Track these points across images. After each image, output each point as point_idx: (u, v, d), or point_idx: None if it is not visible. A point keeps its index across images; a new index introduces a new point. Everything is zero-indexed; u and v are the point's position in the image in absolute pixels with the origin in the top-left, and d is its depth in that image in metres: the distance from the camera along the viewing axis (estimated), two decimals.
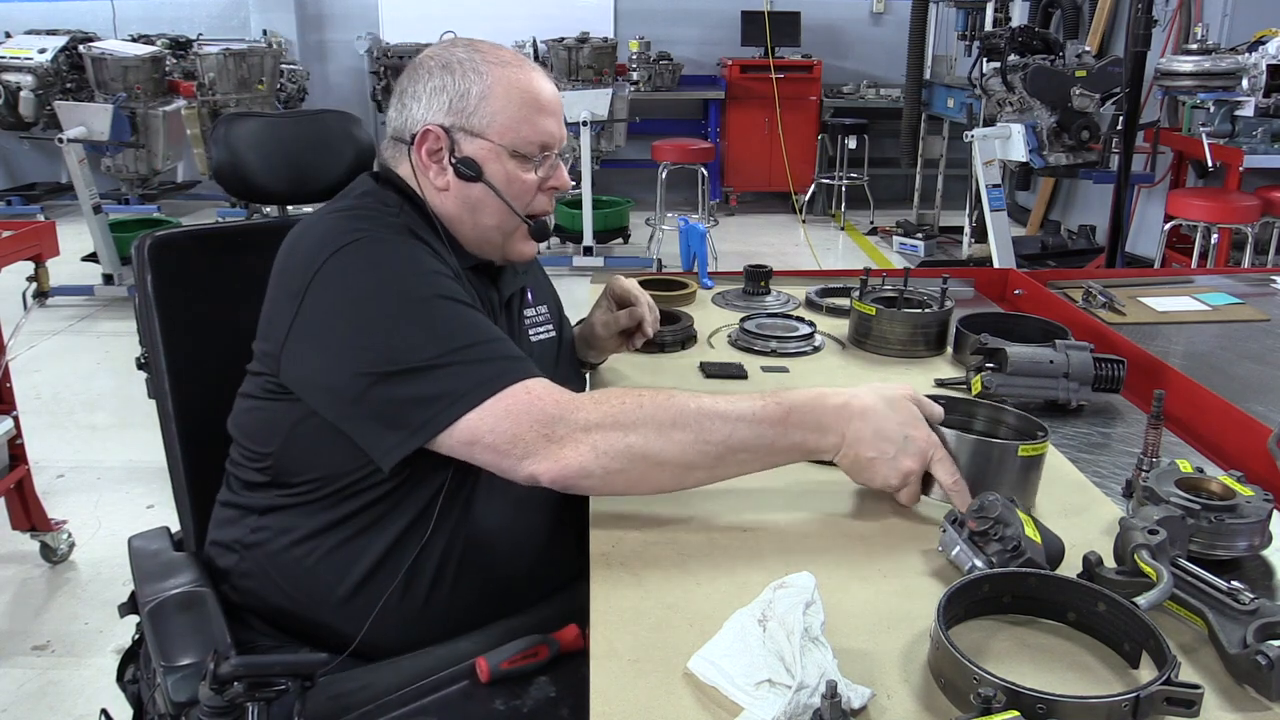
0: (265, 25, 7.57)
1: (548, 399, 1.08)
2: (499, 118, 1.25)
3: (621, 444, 1.06)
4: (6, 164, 7.90)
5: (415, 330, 1.11)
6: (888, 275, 1.90)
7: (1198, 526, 1.04)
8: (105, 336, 4.80)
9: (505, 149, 1.26)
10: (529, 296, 1.44)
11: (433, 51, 1.30)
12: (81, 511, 3.02)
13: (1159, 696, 0.80)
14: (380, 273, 1.15)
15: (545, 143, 1.28)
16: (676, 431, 1.08)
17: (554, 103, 1.30)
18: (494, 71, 1.26)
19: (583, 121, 5.80)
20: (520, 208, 1.29)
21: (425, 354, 1.09)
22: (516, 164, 1.27)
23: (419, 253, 1.19)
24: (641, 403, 1.08)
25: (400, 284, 1.14)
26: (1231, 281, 2.28)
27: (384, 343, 1.10)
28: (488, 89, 1.25)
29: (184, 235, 1.51)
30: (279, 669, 0.99)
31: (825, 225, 7.26)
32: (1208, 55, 4.69)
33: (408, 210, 1.26)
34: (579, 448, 1.06)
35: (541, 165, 1.29)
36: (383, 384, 1.09)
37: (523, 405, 1.07)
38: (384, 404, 1.10)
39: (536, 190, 1.30)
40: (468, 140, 1.26)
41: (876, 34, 7.90)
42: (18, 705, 2.23)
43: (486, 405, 1.07)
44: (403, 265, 1.16)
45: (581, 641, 1.20)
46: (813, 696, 0.80)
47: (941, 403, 1.29)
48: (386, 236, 1.19)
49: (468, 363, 1.09)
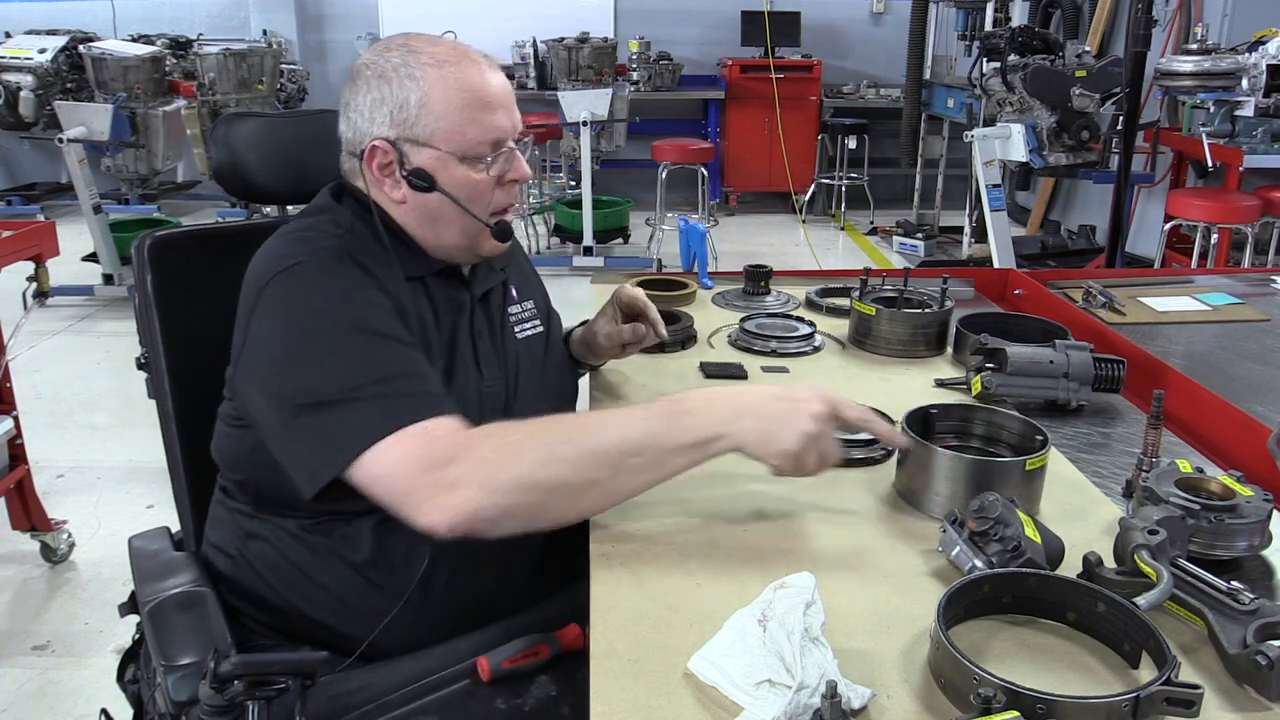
0: (265, 25, 7.56)
1: (444, 440, 1.05)
2: (443, 124, 1.20)
3: (510, 477, 1.03)
4: (6, 164, 7.89)
5: (331, 362, 1.10)
6: (888, 275, 1.90)
7: (1198, 526, 1.04)
8: (105, 336, 4.80)
9: (454, 155, 1.21)
10: (513, 292, 1.41)
11: (369, 59, 1.24)
12: (81, 511, 3.02)
13: (1159, 696, 0.80)
14: (307, 302, 1.14)
15: (496, 139, 1.23)
16: (564, 448, 1.05)
17: (499, 95, 1.24)
18: (430, 75, 1.20)
19: (583, 121, 5.80)
20: (481, 209, 1.25)
21: (337, 387, 1.08)
22: (469, 167, 1.22)
23: (351, 281, 1.16)
24: (528, 430, 1.06)
25: (323, 315, 1.13)
26: (1231, 281, 2.28)
27: (304, 373, 1.11)
28: (426, 95, 1.20)
29: (184, 235, 1.51)
30: (279, 668, 0.99)
31: (825, 225, 7.26)
32: (1208, 55, 4.69)
33: (358, 228, 1.23)
34: (468, 490, 1.02)
35: (496, 162, 1.25)
36: (301, 414, 1.09)
37: (417, 450, 1.04)
38: (302, 434, 1.10)
39: (495, 187, 1.26)
40: (415, 150, 1.21)
41: (876, 34, 7.90)
42: (18, 705, 2.23)
43: (384, 444, 1.04)
44: (328, 296, 1.14)
45: (582, 640, 1.20)
46: (813, 696, 0.81)
47: (935, 410, 1.29)
48: (320, 263, 1.16)
49: (372, 399, 1.07)
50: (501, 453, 1.04)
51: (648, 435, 1.06)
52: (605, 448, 1.05)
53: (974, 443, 1.31)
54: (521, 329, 1.39)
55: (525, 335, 1.39)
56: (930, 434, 1.28)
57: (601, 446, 1.05)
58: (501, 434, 1.07)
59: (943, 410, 1.31)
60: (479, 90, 1.22)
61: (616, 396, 1.54)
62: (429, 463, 1.03)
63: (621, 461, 1.05)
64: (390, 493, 1.05)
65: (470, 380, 1.27)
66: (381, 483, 1.05)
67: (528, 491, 1.04)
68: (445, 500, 1.02)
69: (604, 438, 1.06)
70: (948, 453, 1.17)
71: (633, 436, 1.06)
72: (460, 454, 1.04)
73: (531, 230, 6.35)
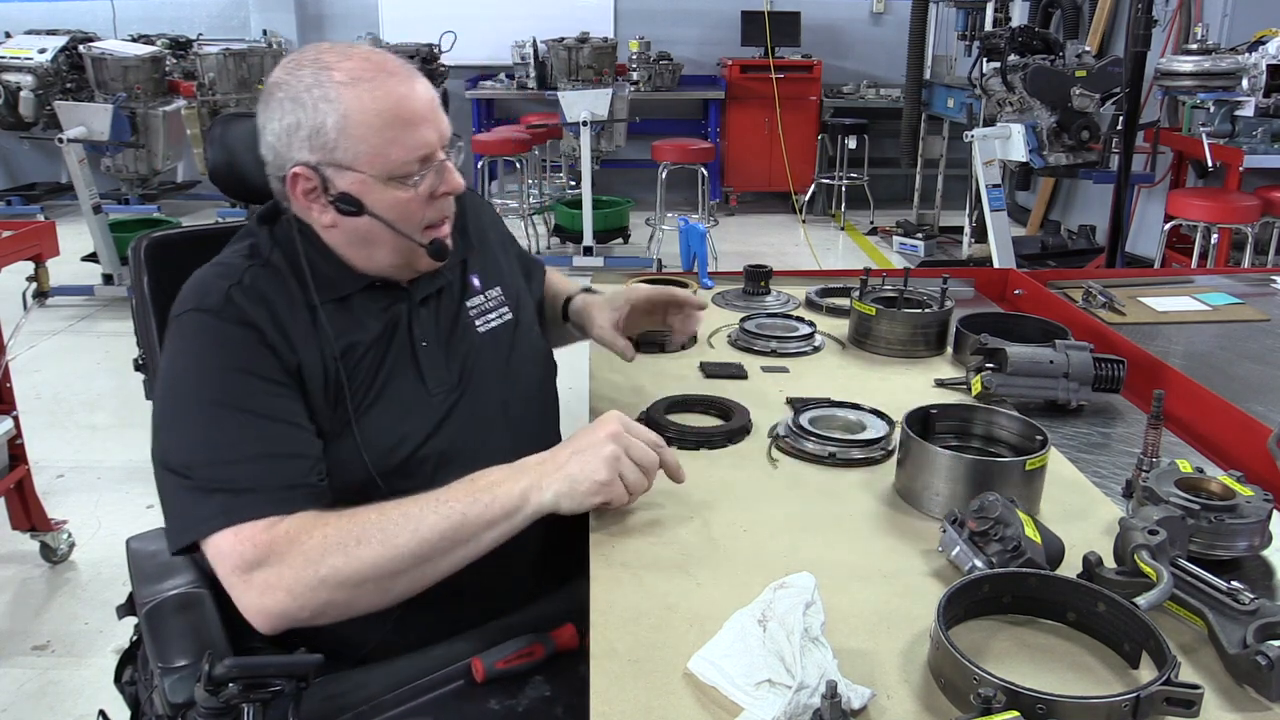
0: (265, 25, 7.57)
1: (247, 544, 1.05)
2: (363, 147, 1.15)
3: (314, 579, 1.04)
4: (6, 164, 7.90)
5: (185, 432, 1.12)
6: (888, 275, 1.90)
7: (1198, 526, 1.03)
8: (105, 336, 4.80)
9: (380, 177, 1.17)
10: (474, 281, 1.36)
11: (279, 77, 1.18)
12: (81, 511, 3.02)
13: (1159, 696, 0.80)
14: (183, 362, 1.16)
15: (422, 155, 1.18)
16: (362, 548, 1.05)
17: (421, 109, 1.18)
18: (346, 95, 1.14)
19: (583, 121, 5.80)
20: (413, 229, 1.21)
21: (182, 460, 1.10)
22: (397, 187, 1.18)
23: (229, 343, 1.15)
24: (327, 532, 1.06)
25: (188, 381, 1.14)
26: (1231, 281, 2.27)
27: (165, 433, 1.13)
28: (344, 117, 1.14)
29: (181, 236, 1.50)
30: (273, 670, 0.99)
31: (825, 225, 7.26)
32: (1208, 55, 4.69)
33: (275, 257, 1.21)
34: (276, 594, 1.04)
35: (425, 178, 1.20)
36: (160, 470, 1.12)
37: (232, 550, 1.06)
38: (162, 492, 1.13)
39: (426, 203, 1.21)
40: (339, 175, 1.16)
41: (876, 34, 7.90)
42: (18, 705, 2.23)
43: (210, 539, 1.07)
44: (199, 361, 1.15)
45: (577, 641, 1.20)
46: (813, 696, 0.80)
47: (935, 410, 1.29)
48: (202, 320, 1.16)
49: (205, 489, 1.08)
50: (304, 555, 1.05)
51: (447, 518, 1.07)
52: (402, 540, 1.06)
53: (974, 443, 1.31)
54: (485, 321, 1.35)
55: (489, 328, 1.35)
56: (930, 434, 1.28)
57: (398, 539, 1.06)
58: (302, 536, 1.06)
59: (943, 410, 1.31)
60: (399, 107, 1.16)
61: (613, 400, 1.54)
62: (242, 564, 1.05)
63: (423, 548, 1.07)
64: (221, 578, 1.08)
65: (412, 394, 1.24)
66: (213, 567, 1.09)
67: (334, 589, 1.05)
68: (259, 602, 1.04)
69: (399, 530, 1.06)
70: (948, 453, 1.17)
71: (430, 522, 1.07)
72: (268, 558, 1.05)
73: (531, 230, 6.35)
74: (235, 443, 1.10)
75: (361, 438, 1.19)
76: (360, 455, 1.18)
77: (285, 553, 1.04)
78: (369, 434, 1.20)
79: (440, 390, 1.26)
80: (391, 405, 1.22)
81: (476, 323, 1.34)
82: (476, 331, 1.33)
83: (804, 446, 1.33)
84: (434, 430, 1.24)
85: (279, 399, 1.14)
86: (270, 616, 1.05)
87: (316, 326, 1.19)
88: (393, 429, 1.22)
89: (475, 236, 1.41)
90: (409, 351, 1.26)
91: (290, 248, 1.22)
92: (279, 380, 1.15)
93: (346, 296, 1.23)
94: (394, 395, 1.23)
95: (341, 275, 1.24)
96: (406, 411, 1.23)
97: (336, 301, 1.22)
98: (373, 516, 1.07)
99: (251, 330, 1.15)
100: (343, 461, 1.18)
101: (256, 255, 1.23)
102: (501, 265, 1.44)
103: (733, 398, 1.49)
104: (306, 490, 1.12)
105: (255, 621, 1.06)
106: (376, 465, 1.19)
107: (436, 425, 1.25)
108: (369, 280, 1.25)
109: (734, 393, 1.52)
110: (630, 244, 6.41)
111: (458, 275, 1.35)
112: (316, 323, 1.19)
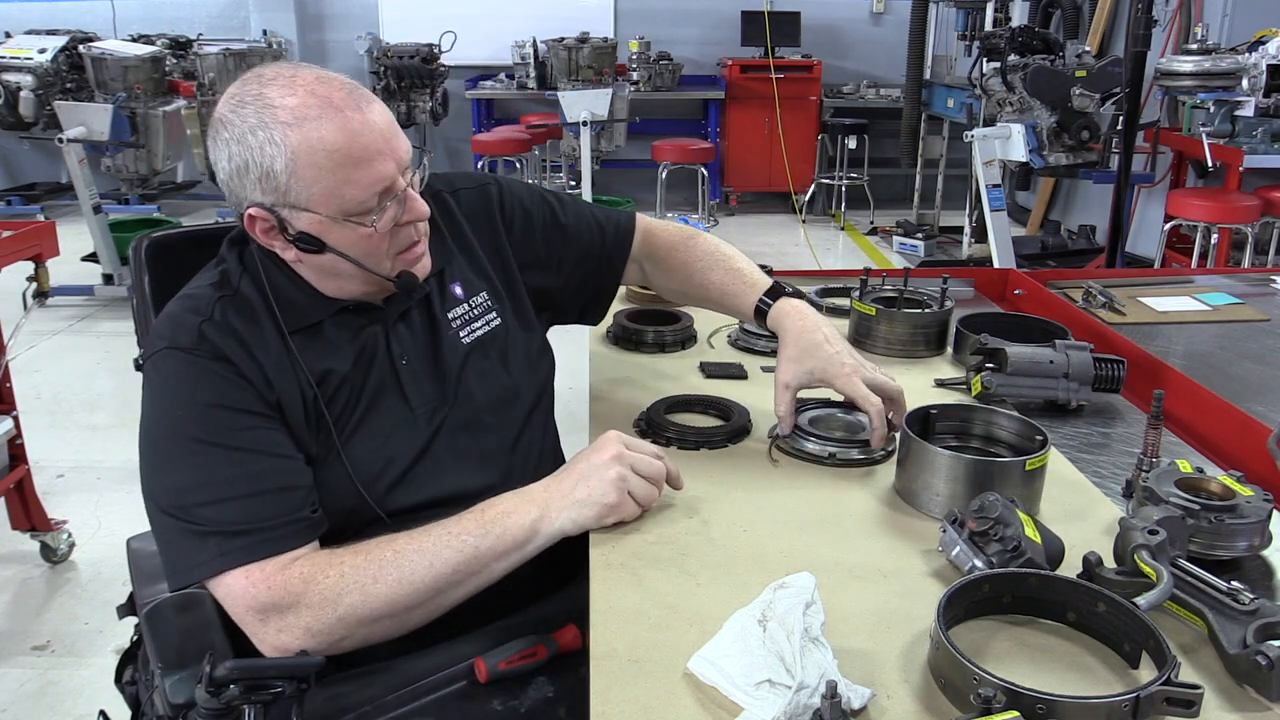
0: (265, 25, 7.57)
1: (260, 586, 1.06)
2: (316, 189, 1.11)
3: (332, 618, 1.06)
4: (6, 164, 7.90)
5: (174, 471, 1.11)
6: (888, 275, 1.90)
7: (1198, 526, 1.03)
8: (105, 336, 4.80)
9: (337, 217, 1.13)
10: (456, 291, 1.32)
11: (223, 113, 1.14)
12: (81, 511, 3.02)
13: (1159, 697, 0.80)
14: (163, 400, 1.14)
15: (380, 189, 1.13)
16: (379, 586, 1.07)
17: (373, 142, 1.12)
18: (291, 136, 1.09)
19: (583, 121, 5.80)
20: (378, 262, 1.18)
21: (174, 502, 1.10)
22: (356, 225, 1.14)
23: (205, 377, 1.13)
24: (343, 571, 1.07)
25: (171, 420, 1.13)
26: (1231, 281, 2.27)
27: (154, 472, 1.13)
28: (290, 160, 1.09)
29: (181, 236, 1.50)
30: (275, 672, 0.99)
31: (825, 225, 7.26)
32: (1208, 55, 4.69)
33: (244, 286, 1.20)
34: (293, 633, 1.06)
35: (386, 211, 1.15)
36: (153, 509, 1.12)
37: (244, 593, 1.06)
38: (156, 529, 1.12)
39: (393, 232, 1.17)
40: (295, 216, 1.13)
41: (876, 34, 7.90)
42: (17, 705, 2.23)
43: (216, 579, 1.08)
44: (180, 398, 1.13)
45: (580, 641, 1.20)
46: (813, 697, 0.80)
47: (935, 410, 1.29)
48: (176, 358, 1.14)
49: (203, 531, 1.08)
50: (320, 597, 1.06)
51: (461, 551, 1.09)
52: (418, 577, 1.08)
53: (974, 443, 1.31)
54: (470, 330, 1.32)
55: (475, 336, 1.32)
56: (930, 434, 1.28)
57: (414, 576, 1.08)
58: (316, 576, 1.07)
59: (943, 410, 1.31)
60: (350, 146, 1.10)
61: (613, 400, 1.54)
62: (257, 607, 1.06)
63: (438, 582, 1.09)
64: (233, 616, 1.09)
65: (396, 416, 1.23)
66: (224, 605, 1.09)
67: (351, 627, 1.07)
68: (276, 642, 1.06)
69: (415, 567, 1.08)
70: (948, 453, 1.17)
71: (446, 557, 1.09)
72: (283, 600, 1.06)
73: None
74: (225, 481, 1.10)
75: (349, 461, 1.18)
76: (350, 480, 1.18)
77: (301, 594, 1.06)
78: (356, 458, 1.19)
79: (425, 408, 1.25)
80: (376, 429, 1.21)
81: (461, 334, 1.31)
82: (461, 342, 1.30)
83: (804, 447, 1.33)
84: (424, 447, 1.24)
85: (263, 431, 1.14)
86: (290, 654, 1.06)
87: (290, 355, 1.18)
88: (379, 452, 1.21)
89: (457, 242, 1.37)
90: (390, 371, 1.25)
91: (259, 277, 1.21)
92: (260, 412, 1.14)
93: (318, 323, 1.21)
94: (378, 418, 1.22)
95: (312, 302, 1.21)
96: (391, 434, 1.22)
97: (308, 330, 1.20)
98: (388, 554, 1.08)
99: (227, 364, 1.14)
100: (333, 486, 1.18)
101: (226, 285, 1.21)
102: (479, 268, 1.37)
103: (733, 398, 1.49)
104: (303, 523, 1.12)
105: (273, 656, 1.07)
106: (367, 488, 1.18)
107: (426, 442, 1.24)
108: (340, 304, 1.22)
109: (734, 393, 1.52)
110: None
111: (435, 286, 1.31)
112: (289, 349, 1.18)
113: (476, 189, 1.43)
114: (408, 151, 1.17)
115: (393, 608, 1.08)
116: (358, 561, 1.08)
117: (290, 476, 1.14)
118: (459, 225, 1.38)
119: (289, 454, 1.15)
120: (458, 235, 1.37)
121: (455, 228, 1.37)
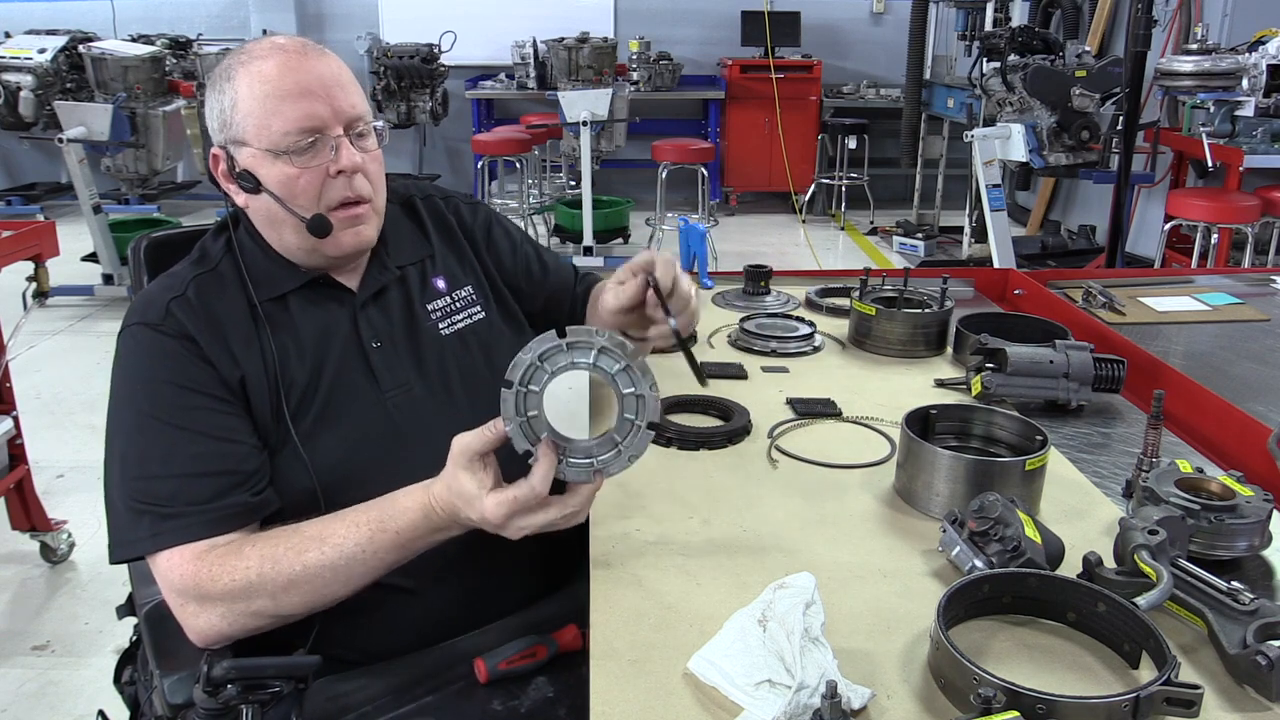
0: (265, 25, 7.56)
1: (176, 573, 1.09)
2: (250, 120, 1.16)
3: (247, 612, 1.08)
4: (6, 164, 7.89)
5: (127, 442, 1.14)
6: (888, 275, 1.90)
7: (1198, 526, 1.04)
8: (105, 336, 4.80)
9: (268, 150, 1.17)
10: (438, 284, 1.33)
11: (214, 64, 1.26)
12: (81, 511, 3.02)
13: (1159, 696, 0.80)
14: (124, 374, 1.17)
15: (306, 127, 1.16)
16: (292, 593, 1.07)
17: (305, 82, 1.16)
18: (240, 72, 1.17)
19: (583, 121, 5.80)
20: (304, 205, 1.18)
21: (116, 471, 1.14)
22: (285, 162, 1.17)
23: (166, 356, 1.15)
24: (262, 569, 1.07)
25: (128, 394, 1.16)
26: (1231, 281, 2.28)
27: (111, 439, 1.16)
28: (236, 93, 1.17)
29: (181, 236, 1.50)
30: (272, 671, 0.99)
31: (825, 225, 7.26)
32: (1208, 55, 4.69)
33: (224, 262, 1.23)
34: (211, 618, 1.08)
35: (314, 153, 1.17)
36: (106, 473, 1.16)
37: (168, 575, 1.09)
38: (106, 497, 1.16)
39: (324, 180, 1.18)
40: (238, 151, 1.19)
41: (876, 34, 7.90)
42: (17, 705, 2.23)
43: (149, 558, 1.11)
44: (138, 374, 1.16)
45: (580, 641, 1.20)
46: (813, 696, 0.80)
47: (935, 410, 1.29)
48: (142, 336, 1.17)
49: (140, 508, 1.10)
50: (234, 592, 1.07)
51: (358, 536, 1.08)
52: (329, 578, 1.08)
53: (974, 443, 1.31)
54: (450, 323, 1.32)
55: (455, 329, 1.31)
56: (930, 434, 1.28)
57: (326, 563, 1.07)
58: (231, 571, 1.07)
59: (943, 410, 1.31)
60: (281, 79, 1.16)
61: None
62: (175, 589, 1.09)
63: (344, 572, 1.08)
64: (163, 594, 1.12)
65: (364, 394, 1.22)
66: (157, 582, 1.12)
67: (265, 619, 1.09)
68: (192, 623, 1.09)
69: (327, 556, 1.07)
70: (948, 453, 1.17)
71: (351, 549, 1.08)
72: (196, 589, 1.08)
73: (532, 230, 6.35)
74: (164, 458, 1.11)
75: (310, 441, 1.18)
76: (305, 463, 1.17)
77: (211, 589, 1.07)
78: (318, 443, 1.18)
79: (400, 391, 1.24)
80: (342, 413, 1.20)
81: (441, 325, 1.31)
82: (439, 333, 1.30)
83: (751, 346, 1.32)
84: (392, 432, 1.22)
85: (214, 414, 1.14)
86: (205, 639, 1.09)
87: (258, 329, 1.19)
88: (343, 434, 1.20)
89: (440, 236, 1.38)
90: (358, 353, 1.24)
91: (237, 254, 1.23)
92: (216, 395, 1.15)
93: (285, 295, 1.23)
94: (341, 397, 1.21)
95: (280, 272, 1.24)
96: (356, 415, 1.21)
97: (275, 301, 1.22)
98: (298, 566, 1.08)
99: (190, 343, 1.16)
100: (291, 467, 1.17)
101: (205, 261, 1.24)
102: (466, 263, 1.38)
103: (732, 398, 1.49)
104: (238, 508, 1.12)
105: (194, 639, 1.10)
106: (329, 472, 1.17)
107: (395, 427, 1.22)
108: (308, 278, 1.24)
109: (734, 393, 1.52)
110: (630, 244, 6.40)
111: (417, 277, 1.32)
112: (258, 323, 1.19)
113: (473, 205, 1.47)
114: (354, 109, 1.20)
115: (306, 604, 1.09)
116: (269, 552, 1.08)
117: (233, 460, 1.14)
118: (449, 227, 1.40)
119: (237, 439, 1.15)
120: (447, 234, 1.39)
121: (446, 230, 1.39)
